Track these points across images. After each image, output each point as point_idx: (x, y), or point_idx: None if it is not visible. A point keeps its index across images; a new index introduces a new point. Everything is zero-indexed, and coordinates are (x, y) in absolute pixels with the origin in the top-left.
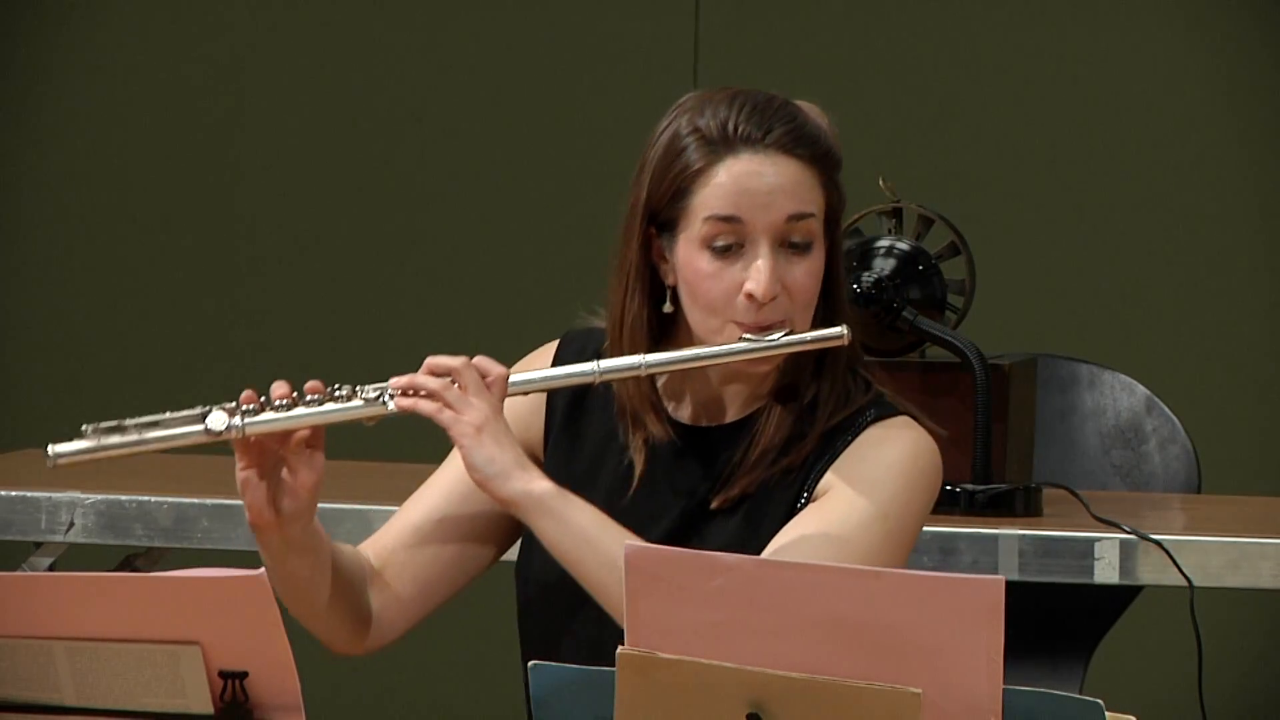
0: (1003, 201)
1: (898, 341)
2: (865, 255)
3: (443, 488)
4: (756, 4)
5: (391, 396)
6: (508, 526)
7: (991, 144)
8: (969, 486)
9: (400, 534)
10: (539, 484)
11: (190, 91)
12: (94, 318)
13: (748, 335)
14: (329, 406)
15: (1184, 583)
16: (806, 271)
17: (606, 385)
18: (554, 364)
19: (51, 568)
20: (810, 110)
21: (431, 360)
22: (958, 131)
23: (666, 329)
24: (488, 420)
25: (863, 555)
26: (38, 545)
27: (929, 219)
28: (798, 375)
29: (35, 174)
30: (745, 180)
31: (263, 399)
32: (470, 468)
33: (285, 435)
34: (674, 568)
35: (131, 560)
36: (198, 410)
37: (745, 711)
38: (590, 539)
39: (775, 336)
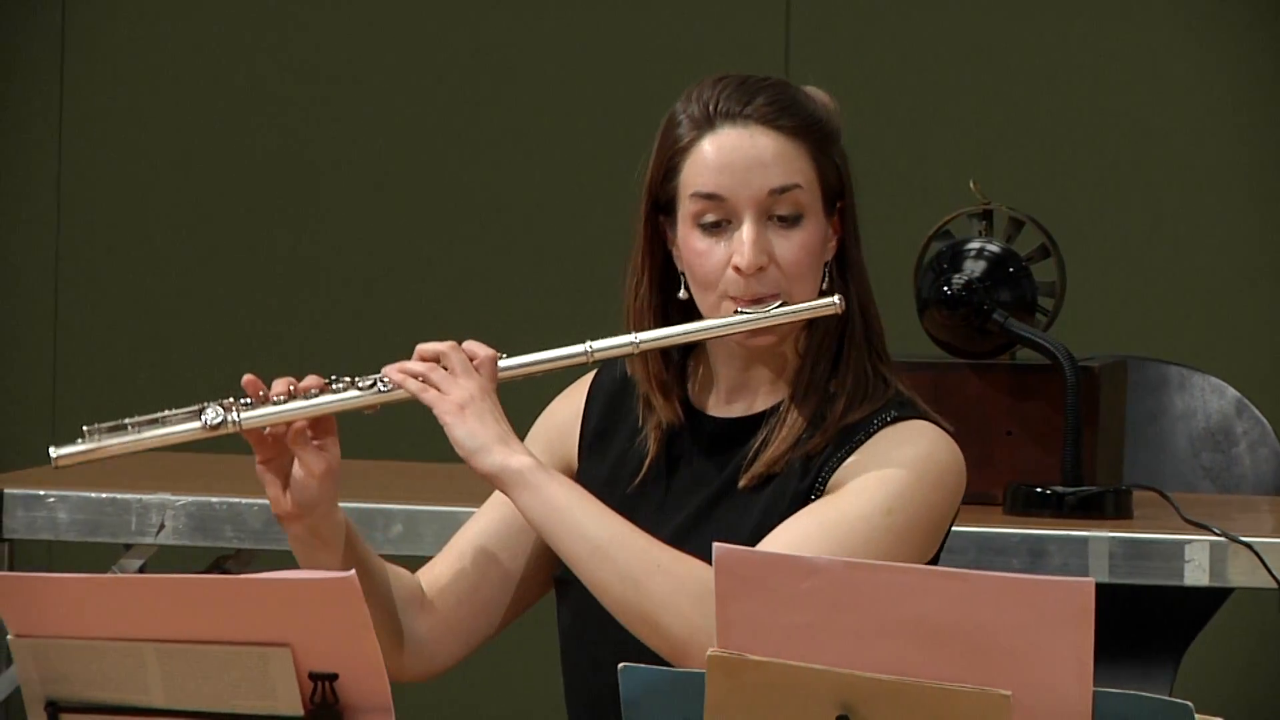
0: (1093, 203)
1: (988, 344)
2: (956, 257)
3: (492, 510)
4: (847, 7)
5: (384, 382)
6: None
7: (1081, 146)
8: (1059, 489)
9: (448, 559)
10: (518, 459)
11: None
12: (169, 317)
13: (741, 309)
14: (323, 398)
15: (1274, 585)
16: (797, 244)
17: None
18: (592, 384)
19: (142, 570)
20: (813, 92)
21: (420, 347)
22: (1048, 133)
23: (690, 317)
24: (472, 398)
25: (859, 546)
26: (128, 547)
27: (1019, 221)
28: (819, 362)
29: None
30: (725, 155)
31: (262, 393)
32: (454, 444)
33: (285, 428)
34: (764, 570)
35: (222, 562)
36: (195, 407)
37: (835, 713)
38: (563, 512)
39: (767, 309)
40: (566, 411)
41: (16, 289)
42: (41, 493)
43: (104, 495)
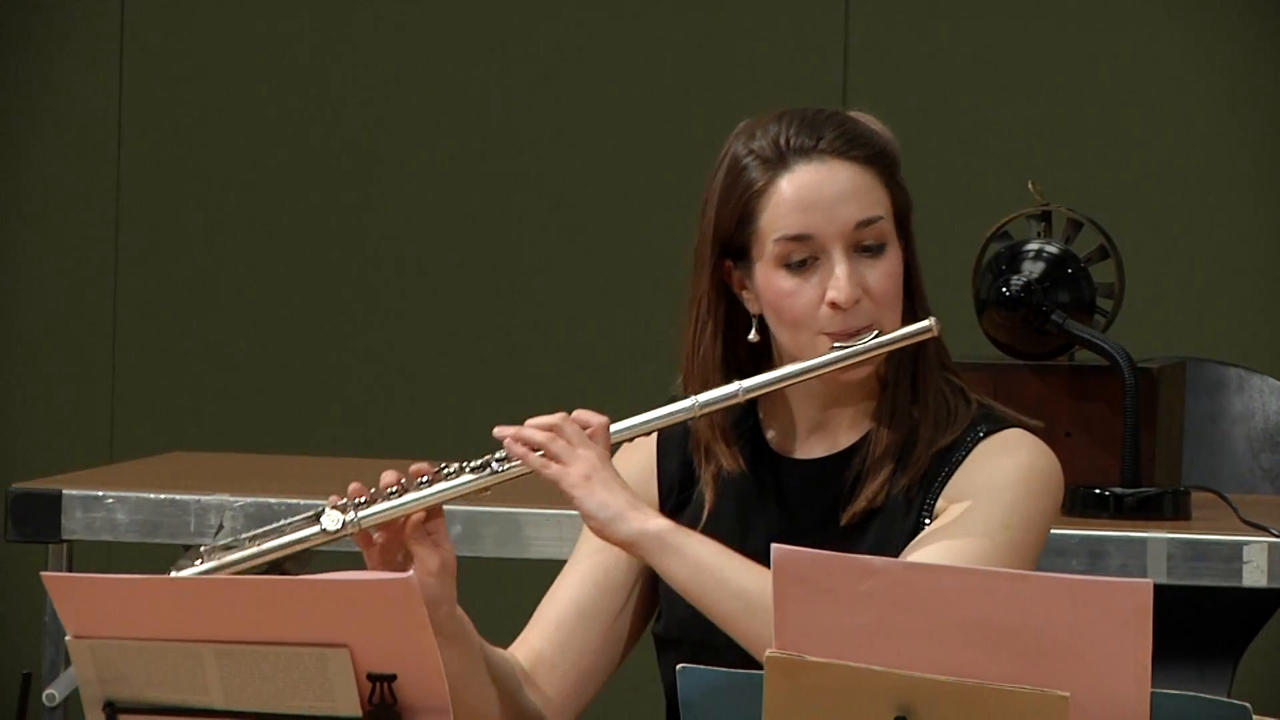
0: (1152, 205)
1: (1046, 344)
2: (1014, 258)
3: (577, 576)
4: (905, 9)
5: (500, 461)
6: (647, 595)
7: (1140, 147)
8: (1117, 490)
9: (545, 632)
10: (655, 522)
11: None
12: (225, 318)
13: (838, 344)
14: (439, 486)
15: None
16: (884, 273)
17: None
18: (659, 435)
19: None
20: (863, 117)
21: (531, 422)
22: (1107, 135)
23: (758, 360)
24: (595, 468)
25: (986, 564)
26: (186, 548)
27: (1078, 222)
28: (899, 388)
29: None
30: (807, 193)
31: (372, 490)
32: (585, 516)
33: (401, 524)
34: (822, 571)
35: (280, 563)
36: (311, 513)
37: (893, 714)
38: (712, 570)
39: (865, 340)
40: (639, 464)
41: (76, 290)
42: (100, 494)
43: (163, 496)
